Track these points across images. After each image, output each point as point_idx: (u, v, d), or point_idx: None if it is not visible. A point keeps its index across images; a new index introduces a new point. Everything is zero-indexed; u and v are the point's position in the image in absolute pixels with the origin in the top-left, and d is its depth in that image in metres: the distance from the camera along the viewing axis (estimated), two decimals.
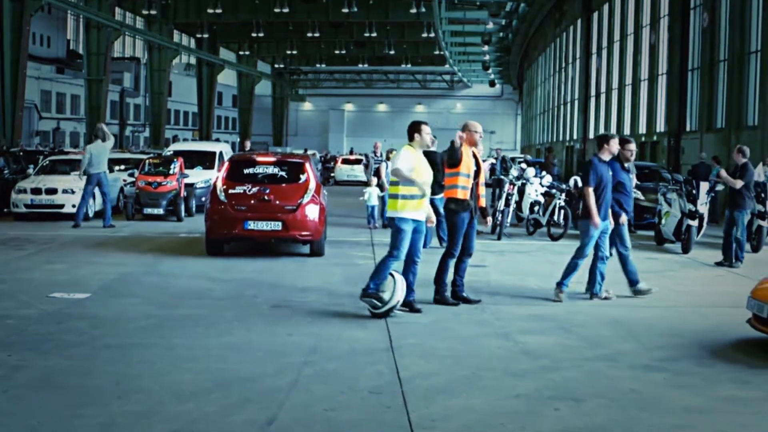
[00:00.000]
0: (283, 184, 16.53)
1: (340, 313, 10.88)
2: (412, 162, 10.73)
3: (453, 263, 11.59)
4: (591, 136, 46.70)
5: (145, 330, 9.74)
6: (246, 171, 16.71)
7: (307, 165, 17.16)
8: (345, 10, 60.15)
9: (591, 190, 11.85)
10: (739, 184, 16.36)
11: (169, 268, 14.66)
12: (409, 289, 10.96)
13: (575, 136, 50.94)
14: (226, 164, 17.31)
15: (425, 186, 10.76)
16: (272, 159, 17.38)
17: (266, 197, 15.99)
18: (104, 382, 7.58)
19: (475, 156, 11.57)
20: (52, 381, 7.63)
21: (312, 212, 16.08)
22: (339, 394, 7.34)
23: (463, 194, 11.35)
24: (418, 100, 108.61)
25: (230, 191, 16.11)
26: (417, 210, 10.76)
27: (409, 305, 10.97)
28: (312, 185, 16.50)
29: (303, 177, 16.71)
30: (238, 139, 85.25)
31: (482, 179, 11.69)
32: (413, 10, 59.52)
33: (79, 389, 7.37)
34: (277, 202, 15.99)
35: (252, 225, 15.77)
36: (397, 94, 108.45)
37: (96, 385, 7.51)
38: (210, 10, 61.25)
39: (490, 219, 12.09)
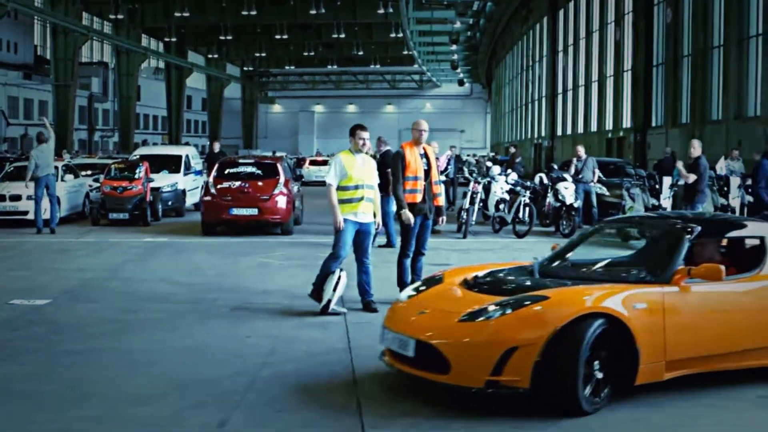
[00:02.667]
0: (259, 180, 21.10)
1: (300, 314, 10.91)
2: (345, 168, 10.93)
3: (409, 263, 11.67)
4: (559, 133, 46.93)
5: (104, 335, 9.73)
6: (230, 170, 21.59)
7: (278, 165, 21.83)
8: (313, 12, 60.11)
9: None
10: (691, 178, 16.56)
11: (132, 273, 14.64)
12: (363, 289, 11.13)
13: (543, 134, 51.16)
14: (216, 165, 22.15)
15: (364, 189, 10.98)
16: (251, 161, 22.98)
17: (246, 190, 20.65)
18: (60, 388, 7.58)
19: (426, 155, 11.61)
20: (7, 388, 7.61)
21: (281, 201, 20.60)
22: (294, 394, 7.39)
23: (411, 198, 11.41)
24: (388, 100, 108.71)
25: (218, 186, 20.76)
26: (355, 211, 10.95)
27: (366, 305, 11.10)
28: (281, 180, 20.94)
29: (274, 174, 21.23)
30: (208, 142, 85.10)
31: (435, 177, 11.74)
32: (381, 11, 59.52)
33: (34, 396, 7.36)
34: (254, 193, 20.58)
35: (235, 211, 20.42)
36: (367, 95, 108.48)
37: (51, 390, 7.51)
38: (177, 14, 61.02)
39: (443, 219, 12.11)
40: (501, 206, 21.54)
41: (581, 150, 22.62)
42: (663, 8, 33.63)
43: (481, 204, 22.94)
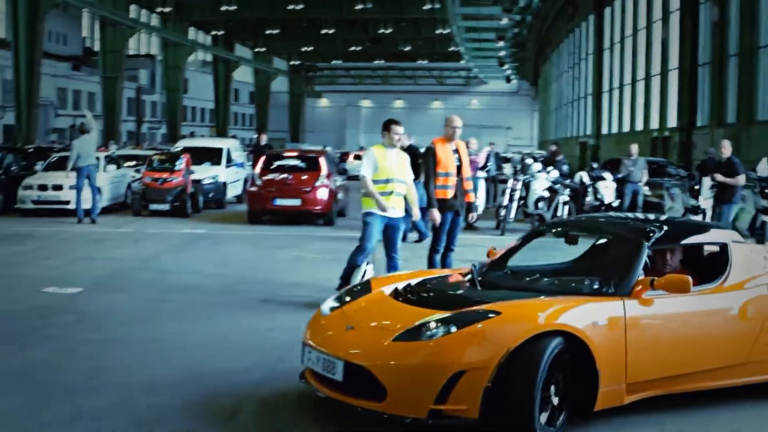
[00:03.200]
0: (302, 173, 22.05)
1: None
2: (377, 161, 10.85)
3: (439, 258, 11.65)
4: (604, 131, 46.55)
5: (128, 324, 9.79)
6: (276, 163, 22.57)
7: (321, 158, 22.69)
8: (359, 7, 60.04)
9: None
10: (742, 180, 16.30)
11: (165, 264, 14.72)
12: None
13: (588, 132, 50.79)
14: (263, 158, 23.09)
15: (394, 183, 10.87)
16: (295, 153, 24.19)
17: (289, 181, 21.70)
18: (77, 376, 7.63)
19: (458, 152, 11.56)
20: (26, 374, 7.68)
21: (323, 193, 21.62)
22: (309, 390, 7.36)
23: (442, 193, 11.37)
24: (435, 96, 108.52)
25: (264, 178, 21.85)
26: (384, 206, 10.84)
27: None
28: (324, 173, 21.86)
29: (317, 167, 22.11)
30: (255, 135, 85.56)
31: (466, 174, 11.68)
32: (427, 6, 59.30)
33: (52, 383, 7.41)
34: (297, 185, 21.62)
35: (279, 201, 21.49)
36: (414, 91, 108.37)
37: (69, 378, 7.56)
38: (224, 7, 61.25)
39: (474, 215, 12.07)
40: (540, 204, 21.41)
41: (634, 149, 22.36)
42: (709, 6, 33.20)
43: (522, 201, 22.87)
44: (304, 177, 21.86)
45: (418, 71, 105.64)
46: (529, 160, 25.08)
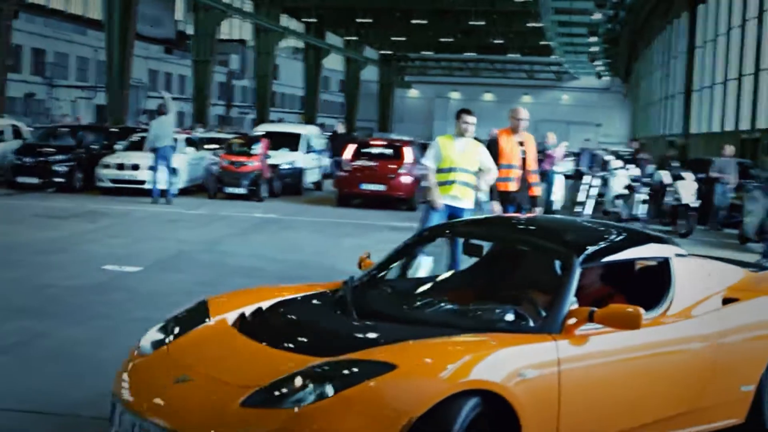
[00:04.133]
0: (387, 160, 23.54)
1: None
2: (440, 150, 10.68)
3: None
4: (693, 130, 45.59)
5: (176, 305, 9.56)
6: (364, 150, 24.26)
7: (405, 147, 24.13)
8: None
9: None
10: None
11: (229, 247, 14.75)
12: None
13: (677, 131, 49.82)
14: (353, 146, 24.69)
15: (457, 172, 10.62)
16: (382, 142, 25.83)
17: (375, 168, 23.28)
18: (117, 354, 7.53)
19: (523, 143, 11.33)
20: (68, 350, 7.73)
21: (406, 180, 22.98)
22: None
23: (504, 186, 11.15)
24: (525, 90, 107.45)
25: (352, 164, 23.56)
26: (447, 194, 10.63)
27: None
28: (408, 161, 23.22)
29: (401, 155, 23.60)
30: (344, 123, 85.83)
31: (531, 166, 11.44)
32: None
33: (91, 360, 7.45)
34: (382, 171, 23.15)
35: (365, 186, 23.17)
36: (504, 84, 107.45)
37: (108, 356, 7.50)
38: None
39: (538, 209, 11.82)
40: (618, 202, 21.05)
41: (729, 150, 21.86)
42: None
43: (601, 199, 22.58)
44: (389, 164, 23.32)
45: (508, 64, 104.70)
46: (608, 157, 24.63)
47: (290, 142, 27.27)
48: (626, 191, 21.11)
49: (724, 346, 5.80)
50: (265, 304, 5.66)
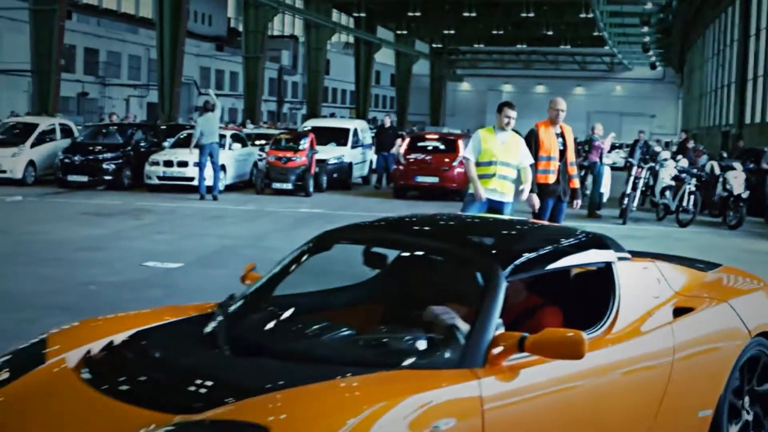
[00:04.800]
0: (441, 153, 24.46)
1: None
2: (480, 143, 10.63)
3: None
4: (747, 121, 44.89)
5: (214, 299, 9.75)
6: (418, 144, 25.31)
7: (459, 140, 24.81)
8: None
9: None
10: None
11: (272, 242, 14.74)
12: None
13: (731, 121, 49.10)
14: (407, 140, 26.03)
15: (497, 165, 10.55)
16: (436, 136, 26.63)
17: (429, 161, 24.21)
18: None
19: (563, 135, 11.20)
20: None
21: (458, 172, 22.95)
22: None
23: (543, 178, 11.02)
24: (578, 82, 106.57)
25: (407, 157, 24.56)
26: (487, 188, 10.59)
27: None
28: (461, 154, 22.20)
29: (455, 149, 24.18)
30: (395, 117, 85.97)
31: (570, 158, 11.29)
32: None
33: None
34: (436, 164, 24.00)
35: (420, 178, 24.00)
36: (556, 76, 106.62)
37: None
38: None
39: (578, 202, 11.67)
40: (666, 193, 20.78)
41: None
42: None
43: (649, 191, 22.33)
44: (443, 157, 24.19)
45: (560, 56, 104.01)
46: (657, 148, 24.32)
47: (338, 136, 27.32)
48: (674, 183, 20.84)
49: (679, 365, 4.82)
50: (118, 338, 4.34)
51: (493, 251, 4.62)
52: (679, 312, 5.04)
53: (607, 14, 63.17)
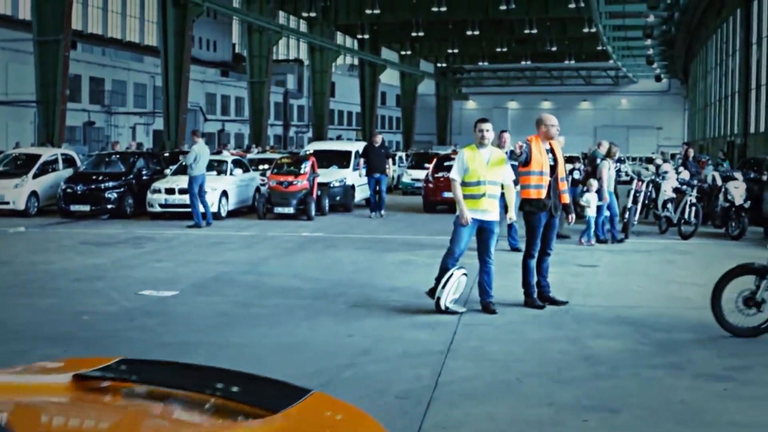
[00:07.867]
0: None
1: (416, 312, 10.68)
2: (466, 163, 10.66)
3: (534, 264, 11.26)
4: (752, 130, 44.79)
5: (207, 329, 9.77)
6: (444, 164, 26.93)
7: None
8: (503, 7, 59.48)
9: None
10: None
11: (270, 268, 14.75)
12: (483, 289, 10.80)
13: (736, 131, 48.98)
14: (435, 160, 29.27)
15: (486, 185, 10.60)
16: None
17: None
18: None
19: (552, 151, 11.19)
20: None
21: None
22: (363, 398, 7.15)
23: (536, 193, 11.01)
24: (583, 96, 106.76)
25: (434, 176, 27.25)
26: (477, 208, 10.61)
27: (485, 306, 10.78)
28: None
29: None
30: (402, 138, 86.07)
31: (561, 173, 11.28)
32: (572, 5, 58.28)
33: None
34: None
35: (446, 194, 23.51)
36: (562, 91, 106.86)
37: None
38: (369, 11, 61.60)
39: (573, 216, 11.67)
40: (668, 206, 20.72)
41: None
42: None
43: (652, 204, 22.27)
44: None
45: (565, 71, 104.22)
46: (659, 161, 24.25)
47: (340, 159, 27.32)
48: (675, 195, 20.78)
49: None
50: None
51: None
52: None
53: (610, 28, 63.20)
